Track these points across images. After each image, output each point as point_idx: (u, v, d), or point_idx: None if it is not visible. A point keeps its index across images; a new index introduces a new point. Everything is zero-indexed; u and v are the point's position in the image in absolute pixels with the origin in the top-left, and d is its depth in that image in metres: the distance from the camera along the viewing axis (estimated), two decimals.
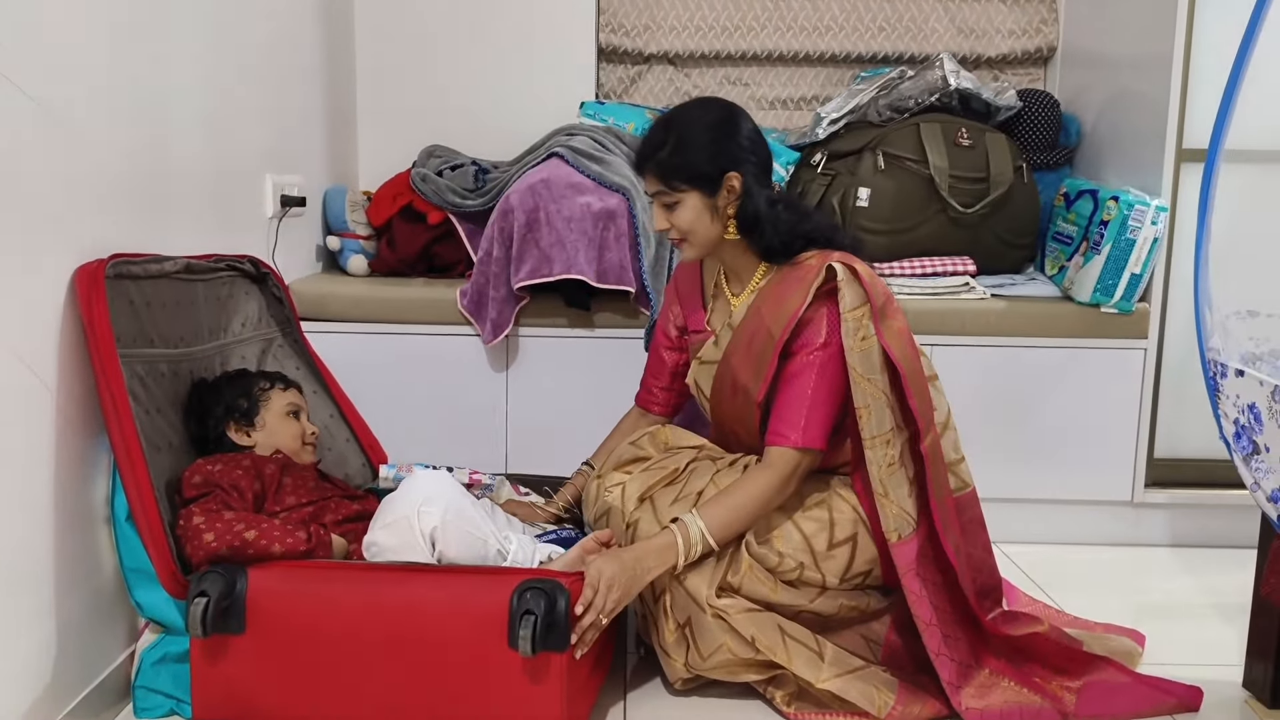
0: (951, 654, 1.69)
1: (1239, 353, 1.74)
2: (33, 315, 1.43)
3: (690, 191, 1.71)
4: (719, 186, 1.71)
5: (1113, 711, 1.68)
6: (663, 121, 1.76)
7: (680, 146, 1.70)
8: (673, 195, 1.72)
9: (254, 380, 1.84)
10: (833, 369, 1.66)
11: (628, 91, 3.01)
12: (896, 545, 1.65)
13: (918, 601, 1.66)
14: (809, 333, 1.68)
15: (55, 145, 1.46)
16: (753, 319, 1.75)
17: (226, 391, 1.78)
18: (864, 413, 1.64)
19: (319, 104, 2.63)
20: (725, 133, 1.72)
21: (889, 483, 1.65)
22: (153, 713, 1.61)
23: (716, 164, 1.70)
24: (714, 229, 1.74)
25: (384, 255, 2.62)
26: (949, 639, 1.69)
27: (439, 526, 1.51)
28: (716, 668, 1.67)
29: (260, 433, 1.77)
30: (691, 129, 1.72)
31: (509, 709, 1.42)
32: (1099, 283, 2.37)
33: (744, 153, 1.72)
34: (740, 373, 1.75)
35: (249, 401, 1.78)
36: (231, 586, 1.43)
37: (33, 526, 1.43)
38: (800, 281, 1.70)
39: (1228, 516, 2.48)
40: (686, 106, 1.81)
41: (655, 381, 2.01)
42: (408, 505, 1.54)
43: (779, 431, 1.67)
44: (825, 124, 2.63)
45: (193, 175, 1.90)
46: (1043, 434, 2.45)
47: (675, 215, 1.74)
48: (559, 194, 2.31)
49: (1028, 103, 2.71)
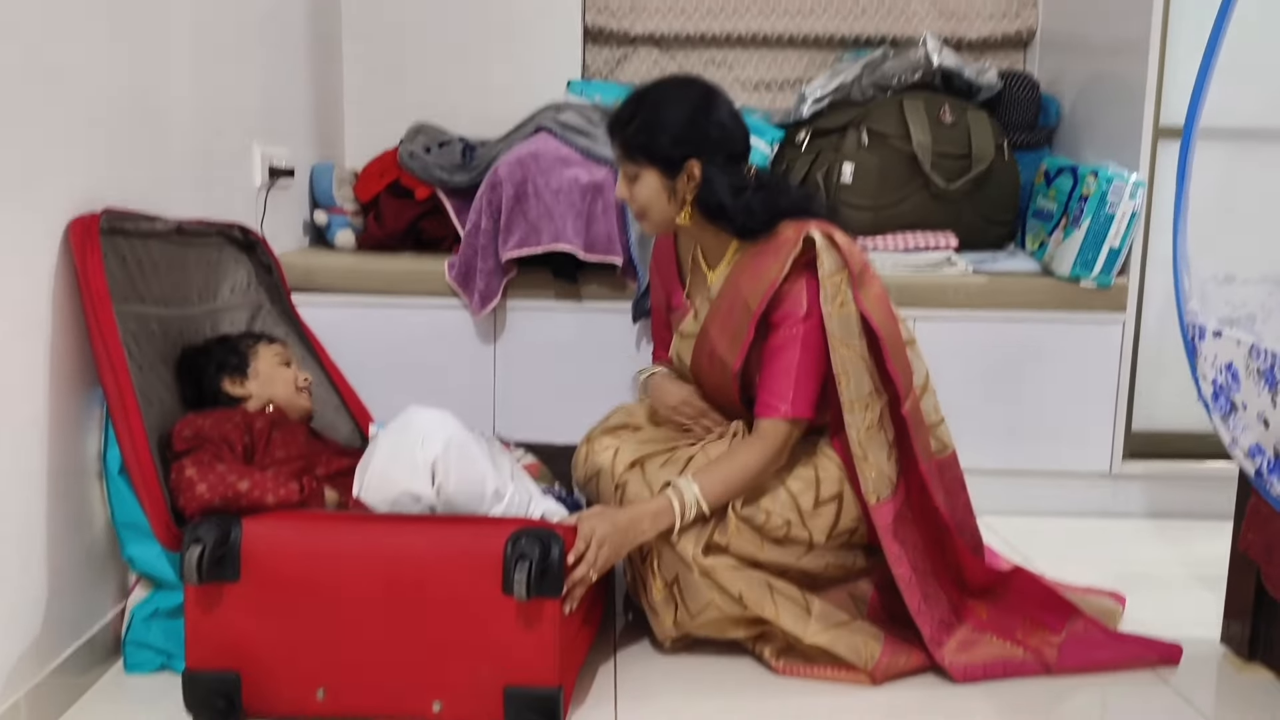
0: (932, 611, 1.71)
1: (1216, 316, 1.77)
2: (26, 266, 1.43)
3: (649, 169, 1.72)
4: (679, 171, 1.70)
5: (1094, 663, 1.72)
6: (637, 95, 1.76)
7: (646, 124, 1.70)
8: (633, 168, 1.73)
9: (239, 338, 1.86)
10: (816, 339, 1.68)
11: (613, 73, 3.03)
12: (875, 507, 1.68)
13: (897, 561, 1.69)
14: (789, 304, 1.69)
15: (52, 99, 1.46)
16: (730, 291, 1.76)
17: (216, 351, 1.79)
18: (842, 378, 1.66)
19: (306, 80, 2.64)
20: (695, 118, 1.70)
21: (868, 446, 1.68)
22: (143, 668, 1.62)
23: (679, 148, 1.69)
24: (669, 210, 1.74)
25: (371, 230, 2.63)
26: (929, 597, 1.72)
27: (440, 457, 1.52)
28: (705, 625, 1.69)
29: (255, 382, 1.78)
30: (661, 108, 1.71)
31: (503, 655, 1.43)
32: (1079, 257, 2.41)
33: (710, 140, 1.70)
34: (718, 344, 1.77)
35: (239, 356, 1.79)
36: (226, 535, 1.43)
37: (23, 481, 1.43)
38: (776, 253, 1.70)
39: (1204, 488, 2.53)
40: (664, 84, 1.78)
41: (665, 353, 2.00)
42: (411, 433, 1.54)
43: (768, 403, 1.69)
44: (810, 102, 2.66)
45: (183, 137, 1.91)
46: (1022, 407, 2.49)
47: (634, 189, 1.75)
48: (547, 166, 2.33)
49: (1008, 84, 2.75)
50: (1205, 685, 1.70)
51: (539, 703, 1.44)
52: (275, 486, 1.51)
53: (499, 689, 1.44)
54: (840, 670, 1.67)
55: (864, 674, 1.66)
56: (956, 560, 1.78)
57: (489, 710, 1.45)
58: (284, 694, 1.46)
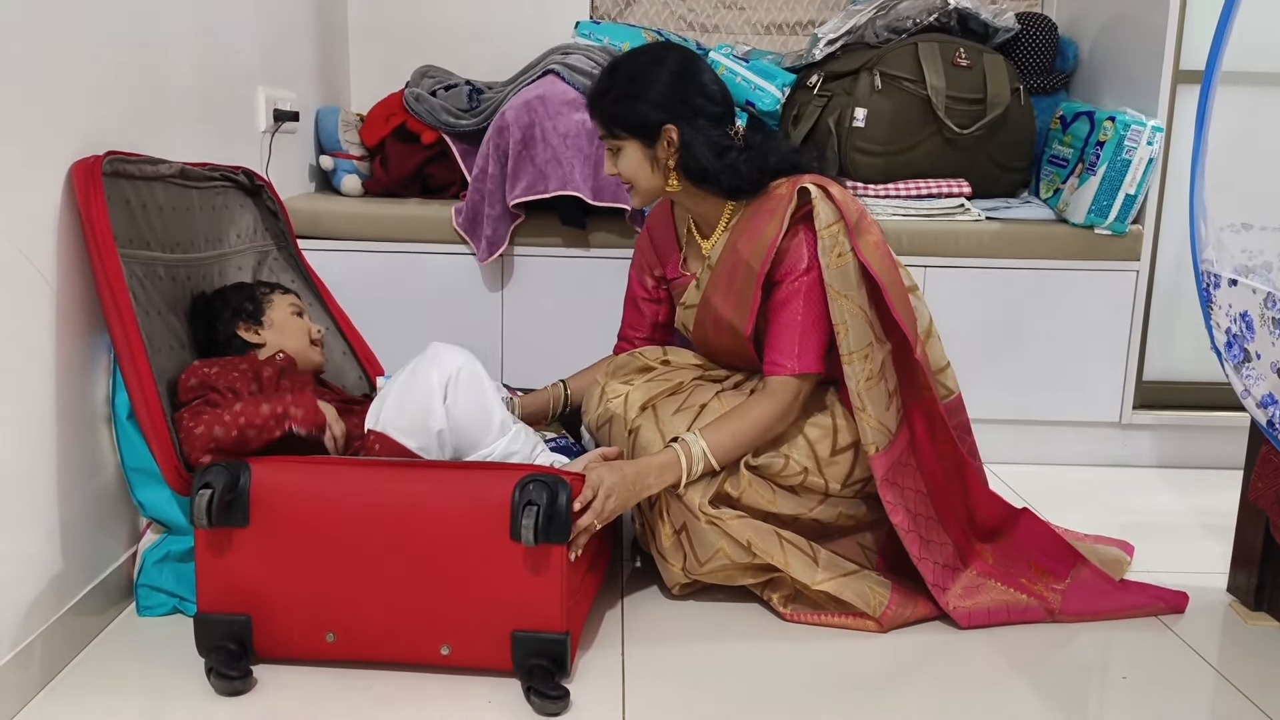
0: (934, 558, 1.72)
1: (1232, 265, 1.75)
2: (31, 210, 1.42)
3: (630, 140, 1.72)
4: (657, 138, 1.70)
5: (1099, 611, 1.72)
6: (610, 67, 1.75)
7: (622, 95, 1.70)
8: (616, 141, 1.74)
9: (255, 286, 1.86)
10: (818, 293, 1.67)
11: (622, 14, 2.98)
12: (873, 457, 1.68)
13: (893, 510, 1.69)
14: (790, 260, 1.68)
15: (53, 40, 1.44)
16: (730, 256, 1.75)
17: (232, 296, 1.80)
18: (842, 329, 1.65)
19: (311, 22, 2.60)
20: (669, 84, 1.69)
21: (867, 397, 1.67)
22: (155, 611, 1.63)
23: (655, 115, 1.69)
24: (655, 179, 1.75)
25: (378, 175, 2.61)
26: (929, 543, 1.73)
27: (453, 377, 1.57)
28: (713, 572, 1.69)
29: (270, 330, 1.79)
30: (635, 79, 1.71)
31: (511, 600, 1.44)
32: (1094, 203, 2.38)
33: (687, 104, 1.69)
34: (723, 310, 1.76)
35: (254, 304, 1.79)
36: (235, 479, 1.43)
37: (33, 425, 1.43)
38: (772, 212, 1.70)
39: (1214, 438, 2.52)
40: (636, 54, 1.77)
41: (633, 331, 2.01)
42: (428, 357, 1.61)
43: (775, 361, 1.69)
44: (822, 45, 2.61)
45: (187, 80, 1.88)
46: (1034, 355, 2.48)
47: (618, 161, 1.75)
48: (555, 110, 2.29)
49: (1025, 26, 2.70)
50: (1211, 634, 1.70)
51: (547, 647, 1.45)
52: (292, 400, 1.58)
53: (507, 633, 1.45)
54: (848, 617, 1.68)
55: (871, 621, 1.67)
56: (967, 502, 1.78)
57: (497, 654, 1.46)
58: (294, 637, 1.48)
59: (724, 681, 1.52)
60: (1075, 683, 1.55)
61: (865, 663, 1.59)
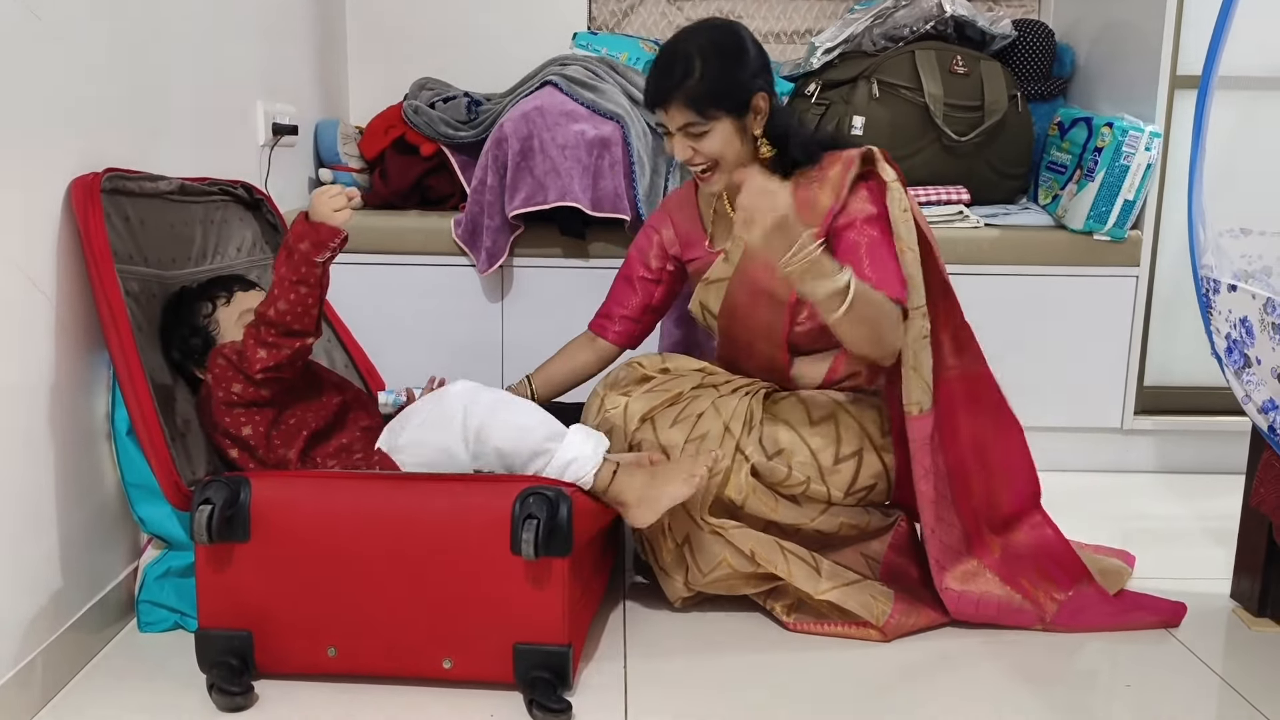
0: (943, 536, 1.72)
1: (1231, 270, 1.75)
2: (30, 227, 1.42)
3: (723, 118, 1.70)
4: (748, 110, 1.71)
5: (1091, 624, 1.72)
6: (682, 51, 1.71)
7: (710, 73, 1.68)
8: (704, 124, 1.69)
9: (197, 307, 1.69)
10: (888, 235, 1.68)
11: (620, 25, 2.99)
12: (915, 419, 1.68)
13: (924, 475, 1.69)
14: (857, 209, 1.69)
15: (53, 58, 1.44)
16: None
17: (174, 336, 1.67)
18: (909, 282, 1.66)
19: (309, 36, 2.60)
20: (756, 53, 1.72)
21: (920, 355, 1.67)
22: (156, 627, 1.63)
23: (753, 85, 1.70)
24: (744, 151, 1.73)
25: (377, 188, 2.61)
26: (942, 521, 1.73)
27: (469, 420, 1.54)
28: (716, 582, 1.69)
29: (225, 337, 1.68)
30: (719, 55, 1.69)
31: (513, 613, 1.44)
32: (1092, 209, 2.38)
33: (768, 71, 1.73)
34: (763, 278, 1.73)
35: (201, 339, 1.66)
36: (235, 495, 1.43)
37: (33, 441, 1.43)
38: (824, 182, 1.72)
39: (1216, 443, 2.52)
40: (697, 31, 1.75)
41: (620, 309, 1.97)
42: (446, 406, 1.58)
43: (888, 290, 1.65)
44: (820, 54, 2.62)
45: (185, 95, 1.88)
46: (1034, 362, 2.47)
47: (703, 143, 1.71)
48: (553, 121, 2.30)
49: (1022, 33, 2.70)
50: (1215, 641, 1.70)
51: (549, 659, 1.45)
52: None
53: (509, 646, 1.45)
54: (851, 626, 1.68)
55: (875, 630, 1.67)
56: (989, 483, 1.77)
57: (499, 667, 1.46)
58: (296, 652, 1.48)
59: (728, 692, 1.52)
60: (1079, 691, 1.55)
61: (870, 672, 1.59)
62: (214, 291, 1.70)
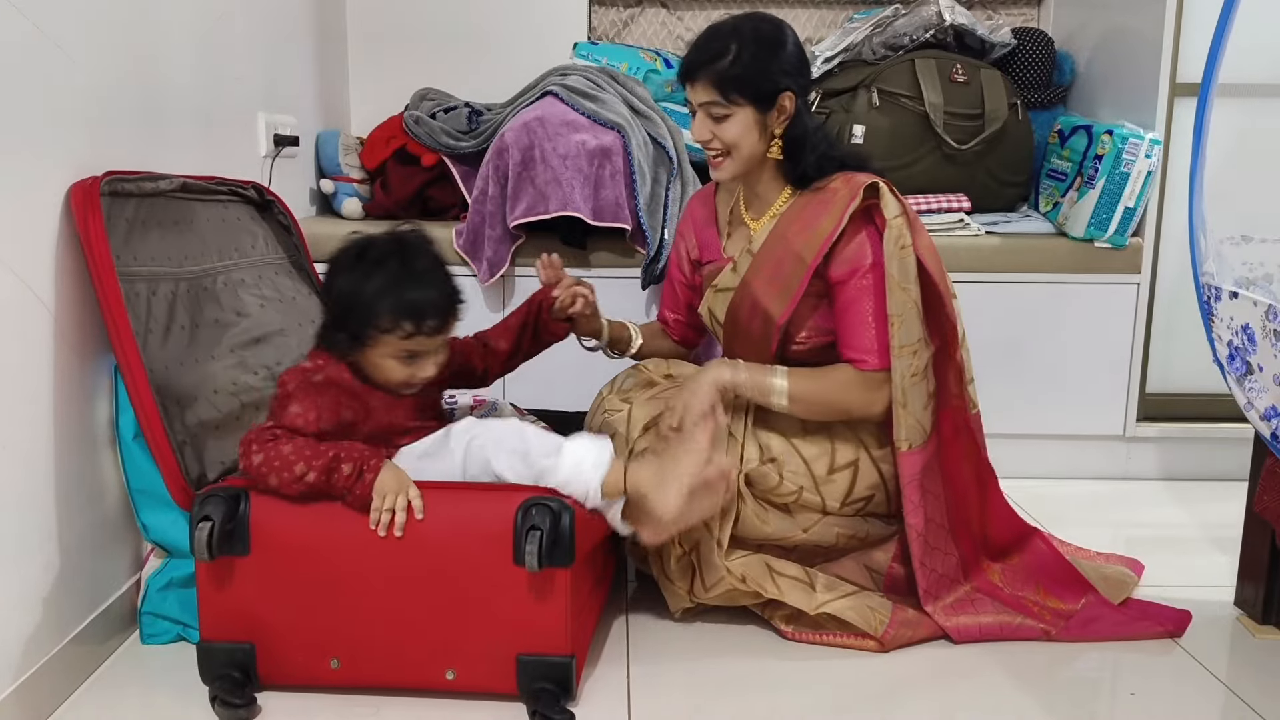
0: (933, 565, 1.72)
1: (1232, 277, 1.75)
2: (29, 233, 1.42)
3: (745, 106, 1.70)
4: (773, 105, 1.70)
5: (1098, 635, 1.71)
6: (724, 31, 1.71)
7: (741, 58, 1.67)
8: (726, 108, 1.70)
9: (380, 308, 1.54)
10: (884, 288, 1.67)
11: (620, 35, 2.99)
12: (905, 454, 1.68)
13: (914, 510, 1.69)
14: (854, 257, 1.68)
15: (53, 65, 1.45)
16: (777, 243, 1.74)
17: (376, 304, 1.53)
18: (896, 321, 1.65)
19: (310, 47, 2.61)
20: (795, 52, 1.72)
21: (910, 393, 1.67)
22: (159, 639, 1.63)
23: (776, 82, 1.69)
24: (759, 146, 1.73)
25: (378, 198, 2.61)
26: (934, 550, 1.73)
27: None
28: (717, 597, 1.69)
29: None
30: (755, 43, 1.69)
31: (515, 624, 1.44)
32: (1093, 217, 2.38)
33: (798, 73, 1.72)
34: (763, 296, 1.74)
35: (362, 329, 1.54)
36: (235, 509, 1.43)
37: (35, 448, 1.43)
38: (827, 205, 1.70)
39: (1218, 450, 2.51)
40: (744, 18, 1.75)
41: (671, 313, 2.03)
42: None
43: (859, 359, 1.68)
44: (819, 62, 2.62)
45: (186, 106, 1.89)
46: (1036, 369, 2.47)
47: (722, 128, 1.71)
48: (554, 131, 2.30)
49: (1022, 41, 2.71)
50: (1219, 648, 1.69)
51: (552, 670, 1.44)
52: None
53: (512, 657, 1.44)
54: (850, 636, 1.68)
55: (873, 640, 1.66)
56: (984, 514, 1.77)
57: (502, 678, 1.45)
58: (298, 664, 1.47)
59: (729, 701, 1.51)
60: (1082, 699, 1.54)
61: (870, 681, 1.58)
62: (403, 322, 1.52)
